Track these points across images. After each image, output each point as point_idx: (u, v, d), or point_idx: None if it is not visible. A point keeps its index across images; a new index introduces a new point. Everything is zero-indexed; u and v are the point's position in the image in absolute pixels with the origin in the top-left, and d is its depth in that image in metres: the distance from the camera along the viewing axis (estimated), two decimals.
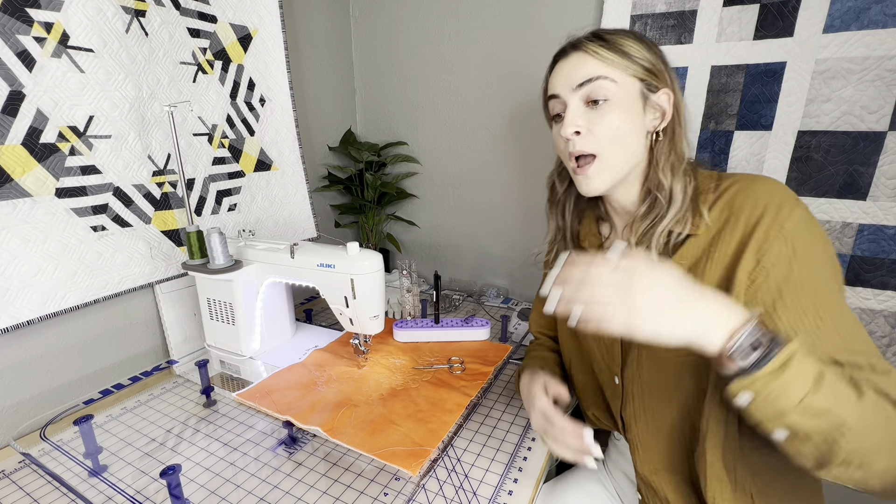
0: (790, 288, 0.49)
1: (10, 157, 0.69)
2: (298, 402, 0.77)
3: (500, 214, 1.30)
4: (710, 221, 0.55)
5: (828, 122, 0.85)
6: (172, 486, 0.55)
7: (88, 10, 0.75)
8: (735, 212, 0.53)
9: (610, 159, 0.58)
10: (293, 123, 1.17)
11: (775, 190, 0.52)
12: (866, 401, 0.42)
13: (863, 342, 0.48)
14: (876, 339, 0.88)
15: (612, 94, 0.56)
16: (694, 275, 0.54)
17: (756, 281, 0.50)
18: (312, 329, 1.08)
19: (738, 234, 0.52)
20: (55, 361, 0.79)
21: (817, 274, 0.49)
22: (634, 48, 0.57)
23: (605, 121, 0.57)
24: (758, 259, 0.50)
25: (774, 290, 0.49)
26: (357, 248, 0.82)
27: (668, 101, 0.58)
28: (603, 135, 0.57)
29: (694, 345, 0.42)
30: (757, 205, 0.51)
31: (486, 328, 1.01)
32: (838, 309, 0.48)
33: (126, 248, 0.85)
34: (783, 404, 0.41)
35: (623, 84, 0.57)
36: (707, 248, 0.55)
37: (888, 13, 0.77)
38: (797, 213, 0.49)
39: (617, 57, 0.56)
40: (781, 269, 0.49)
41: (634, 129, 0.58)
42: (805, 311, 0.48)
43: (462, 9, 1.19)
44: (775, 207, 0.50)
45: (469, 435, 0.73)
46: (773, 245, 0.49)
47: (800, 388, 0.40)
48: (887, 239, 0.84)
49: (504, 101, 1.20)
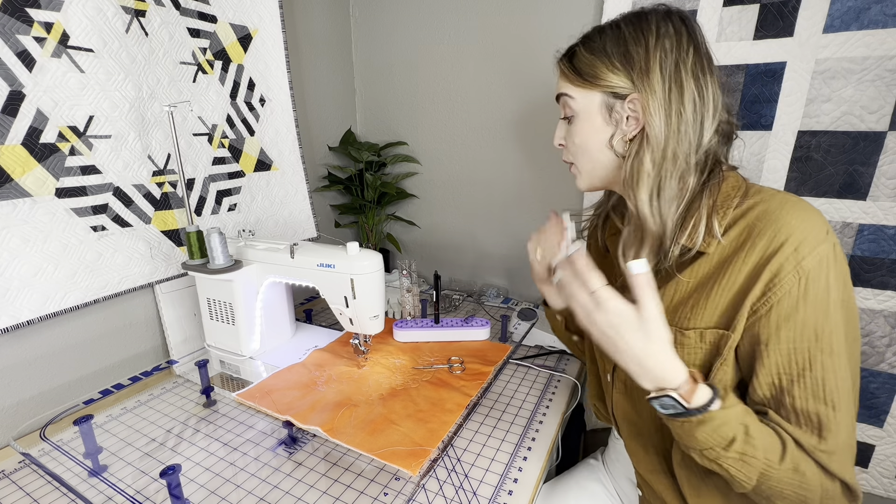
0: (789, 328, 0.47)
1: (10, 157, 0.69)
2: (298, 402, 0.77)
3: (500, 214, 1.30)
4: (725, 242, 0.51)
5: (828, 122, 0.85)
6: (172, 486, 0.55)
7: (88, 10, 0.75)
8: (754, 236, 0.49)
9: (583, 168, 0.61)
10: (293, 123, 1.17)
11: (804, 219, 0.47)
12: (783, 467, 0.46)
13: (840, 395, 0.47)
14: (876, 339, 0.88)
15: (575, 109, 0.59)
16: (699, 295, 0.53)
17: (758, 312, 0.48)
18: (312, 329, 1.08)
19: (751, 261, 0.49)
20: (55, 361, 0.79)
21: (826, 319, 0.46)
22: (600, 57, 0.55)
23: (572, 135, 0.60)
24: (764, 291, 0.47)
25: (773, 327, 0.48)
26: (357, 248, 0.82)
27: (639, 106, 0.53)
28: (573, 147, 0.61)
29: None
30: (779, 234, 0.47)
31: (486, 328, 1.01)
32: (832, 362, 0.47)
33: (126, 248, 0.85)
34: (689, 444, 0.49)
35: (580, 99, 0.57)
36: (717, 270, 0.52)
37: (888, 13, 0.77)
38: (820, 252, 0.46)
39: (571, 73, 0.58)
40: (786, 308, 0.47)
41: (597, 140, 0.57)
42: (797, 354, 0.47)
43: (462, 9, 1.19)
44: (797, 240, 0.46)
45: (469, 435, 0.73)
46: (784, 280, 0.46)
47: (707, 443, 0.47)
48: (887, 239, 0.84)
49: (504, 100, 1.20)
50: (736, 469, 0.47)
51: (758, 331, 0.48)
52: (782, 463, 0.46)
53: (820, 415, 0.47)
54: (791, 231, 0.47)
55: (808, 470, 0.46)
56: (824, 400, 0.46)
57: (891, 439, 0.90)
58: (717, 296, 0.51)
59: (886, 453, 0.91)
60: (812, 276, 0.46)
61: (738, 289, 0.50)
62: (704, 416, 0.46)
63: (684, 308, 0.54)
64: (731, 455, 0.46)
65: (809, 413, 0.47)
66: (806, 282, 0.46)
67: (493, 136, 1.24)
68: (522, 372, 0.91)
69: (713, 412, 0.46)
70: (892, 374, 0.88)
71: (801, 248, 0.46)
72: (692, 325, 0.53)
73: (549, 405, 0.81)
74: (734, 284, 0.50)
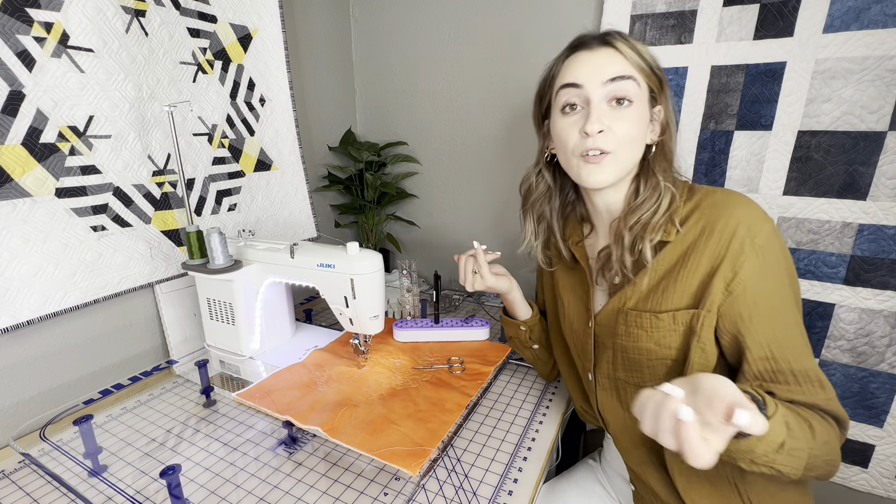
0: (763, 298, 0.53)
1: (10, 157, 0.69)
2: (298, 402, 0.77)
3: (500, 214, 1.30)
4: (684, 230, 0.58)
5: (828, 122, 0.85)
6: (172, 486, 0.55)
7: (88, 10, 0.75)
8: (710, 223, 0.56)
9: (623, 159, 0.58)
10: (293, 123, 1.17)
11: (747, 206, 0.55)
12: (817, 443, 0.48)
13: (802, 349, 0.53)
14: (876, 339, 0.88)
15: (635, 96, 0.57)
16: (667, 281, 0.58)
17: (734, 292, 0.54)
18: (312, 329, 1.08)
19: (712, 245, 0.55)
20: (55, 361, 0.79)
21: (782, 286, 0.54)
22: (649, 56, 0.59)
23: (626, 122, 0.57)
24: (735, 271, 0.53)
25: (751, 302, 0.53)
26: (357, 248, 0.82)
27: (662, 115, 0.61)
28: (621, 136, 0.57)
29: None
30: (731, 219, 0.54)
31: (486, 328, 1.01)
32: (797, 320, 0.54)
33: (126, 248, 0.85)
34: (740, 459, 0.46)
35: (643, 89, 0.58)
36: (682, 256, 0.57)
37: (888, 13, 0.77)
38: (766, 229, 0.53)
39: (642, 62, 0.57)
40: (756, 282, 0.53)
41: (642, 136, 0.59)
42: (774, 322, 0.53)
43: (462, 9, 1.19)
44: (748, 223, 0.53)
45: (469, 435, 0.73)
46: (748, 258, 0.53)
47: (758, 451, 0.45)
48: (887, 239, 0.84)
49: (504, 100, 1.20)
50: (788, 466, 0.47)
51: (739, 309, 0.53)
52: (815, 441, 0.48)
53: (813, 369, 0.52)
54: (741, 216, 0.54)
55: (831, 436, 0.50)
56: (807, 354, 0.53)
57: (891, 439, 0.90)
58: (685, 279, 0.57)
59: (886, 453, 0.91)
60: (766, 250, 0.53)
61: (705, 270, 0.55)
62: (771, 418, 0.44)
63: (656, 293, 0.59)
64: (781, 456, 0.46)
65: (807, 371, 0.52)
66: (763, 255, 0.53)
67: (493, 136, 1.24)
68: (522, 372, 0.91)
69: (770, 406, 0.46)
70: (892, 374, 0.88)
71: (752, 228, 0.53)
72: (664, 307, 0.58)
73: (548, 405, 0.81)
74: (700, 266, 0.56)
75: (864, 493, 0.95)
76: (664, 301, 0.58)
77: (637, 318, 0.60)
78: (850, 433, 0.93)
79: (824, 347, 0.93)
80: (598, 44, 0.58)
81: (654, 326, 0.58)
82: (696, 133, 0.96)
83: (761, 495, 0.57)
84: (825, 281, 0.90)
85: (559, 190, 0.71)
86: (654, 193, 0.59)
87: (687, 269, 0.56)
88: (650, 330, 0.59)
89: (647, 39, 0.96)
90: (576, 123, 0.58)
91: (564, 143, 0.60)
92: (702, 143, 0.96)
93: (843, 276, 0.88)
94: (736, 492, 0.58)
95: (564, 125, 0.60)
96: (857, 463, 0.94)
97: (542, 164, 0.70)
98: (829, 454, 0.50)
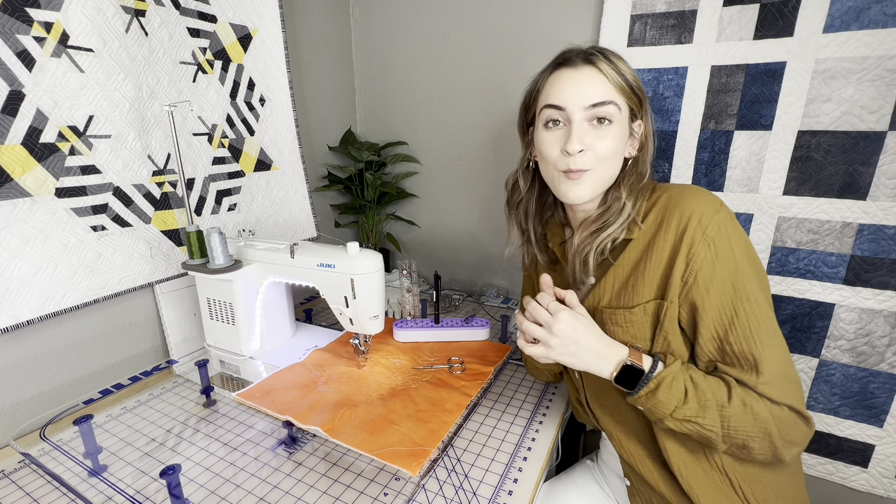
0: (713, 287, 0.55)
1: (10, 157, 0.69)
2: (298, 402, 0.77)
3: (500, 214, 1.30)
4: (645, 227, 0.61)
5: (828, 121, 0.85)
6: (172, 486, 0.55)
7: (88, 10, 0.75)
8: (666, 218, 0.59)
9: (601, 175, 0.62)
10: (293, 123, 1.17)
11: (700, 199, 0.57)
12: (733, 405, 0.53)
13: (765, 334, 0.55)
14: (876, 339, 0.88)
15: (615, 117, 0.59)
16: (635, 277, 0.61)
17: (688, 283, 0.57)
18: (312, 329, 1.08)
19: (669, 238, 0.58)
20: (55, 361, 0.79)
21: (738, 273, 0.55)
22: (631, 76, 0.61)
23: (606, 141, 0.60)
24: (687, 262, 0.56)
25: (703, 290, 0.56)
26: (357, 248, 0.82)
27: (641, 130, 0.64)
28: (602, 153, 0.60)
29: (593, 373, 0.58)
30: (683, 212, 0.57)
31: (486, 328, 1.01)
32: (752, 308, 0.55)
33: (126, 248, 0.85)
34: (660, 414, 0.55)
35: (623, 110, 0.60)
36: (644, 251, 0.60)
37: (888, 13, 0.77)
38: (717, 219, 0.56)
39: (623, 83, 0.59)
40: (707, 271, 0.55)
41: (622, 150, 0.62)
42: (724, 307, 0.55)
43: (462, 9, 1.19)
44: (699, 215, 0.56)
45: (469, 435, 0.73)
46: (698, 249, 0.55)
47: (670, 404, 0.54)
48: (887, 239, 0.84)
49: (504, 100, 1.20)
50: (702, 418, 0.54)
51: (693, 298, 0.56)
52: (731, 401, 0.53)
53: (754, 353, 0.54)
54: (692, 209, 0.57)
55: (755, 404, 0.53)
56: (754, 340, 0.55)
57: (891, 439, 0.90)
58: (649, 273, 0.60)
59: (886, 453, 0.91)
60: (717, 240, 0.55)
61: (665, 263, 0.58)
62: (658, 377, 0.54)
63: (626, 290, 0.62)
64: (691, 406, 0.54)
65: (745, 354, 0.55)
66: (714, 245, 0.55)
67: (493, 136, 1.24)
68: (522, 372, 0.91)
69: (662, 372, 0.55)
70: (892, 374, 0.88)
71: (703, 220, 0.56)
72: (636, 301, 0.60)
73: (548, 405, 0.81)
74: (661, 260, 0.59)
75: (863, 493, 0.95)
76: (635, 296, 0.61)
77: (612, 315, 0.62)
78: (850, 433, 0.93)
79: (824, 347, 0.93)
80: (581, 62, 0.60)
81: (628, 321, 0.61)
82: (695, 133, 0.96)
83: (749, 480, 0.59)
84: (825, 281, 0.90)
85: (538, 195, 0.73)
86: (611, 209, 0.62)
87: (651, 263, 0.59)
88: (625, 325, 0.61)
89: (647, 39, 0.96)
90: (558, 140, 0.61)
91: (546, 156, 0.63)
92: (702, 142, 0.96)
93: (843, 276, 0.88)
94: (727, 479, 0.59)
95: (547, 139, 0.63)
96: (856, 463, 0.94)
97: (524, 169, 0.72)
98: (759, 423, 0.53)
